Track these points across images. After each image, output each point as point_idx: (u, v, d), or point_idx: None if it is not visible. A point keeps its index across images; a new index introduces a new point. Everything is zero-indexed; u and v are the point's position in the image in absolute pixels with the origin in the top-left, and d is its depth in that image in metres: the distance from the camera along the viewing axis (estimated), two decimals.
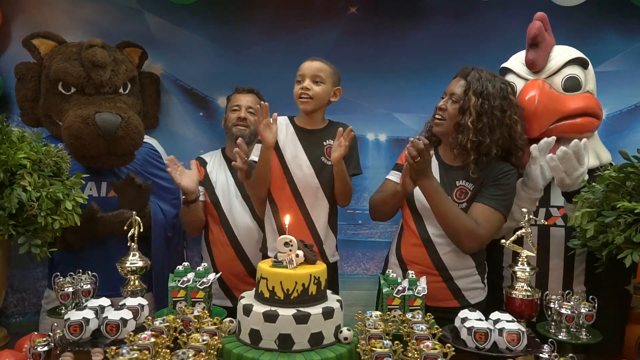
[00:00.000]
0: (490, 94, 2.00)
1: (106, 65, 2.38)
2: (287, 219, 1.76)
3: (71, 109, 2.32)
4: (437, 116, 2.11)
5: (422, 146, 1.88)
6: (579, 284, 2.21)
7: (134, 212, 2.02)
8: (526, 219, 1.89)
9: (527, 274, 1.87)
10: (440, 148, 2.22)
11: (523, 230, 1.89)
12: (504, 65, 2.39)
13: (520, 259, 1.90)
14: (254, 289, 1.70)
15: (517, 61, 2.35)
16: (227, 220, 2.51)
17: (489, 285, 2.21)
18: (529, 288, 1.86)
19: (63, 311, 1.86)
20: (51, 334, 1.63)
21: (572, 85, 2.26)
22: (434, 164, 2.15)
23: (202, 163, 2.62)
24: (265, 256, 2.24)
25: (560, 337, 1.79)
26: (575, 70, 2.27)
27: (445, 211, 1.99)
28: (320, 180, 2.21)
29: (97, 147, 2.25)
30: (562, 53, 2.30)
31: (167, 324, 1.59)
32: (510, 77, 2.33)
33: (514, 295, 1.86)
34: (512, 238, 1.91)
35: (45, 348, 1.58)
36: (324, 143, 2.23)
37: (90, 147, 2.25)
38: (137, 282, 1.98)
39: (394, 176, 2.25)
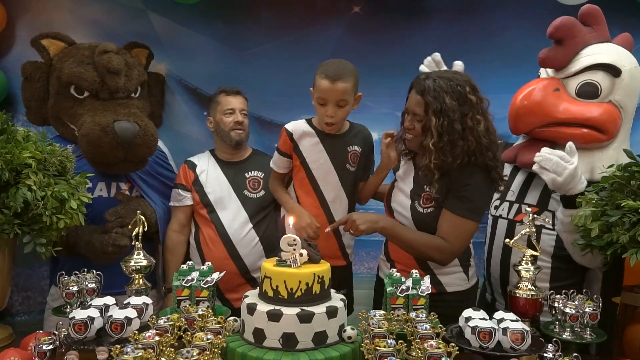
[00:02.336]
0: (449, 107, 1.90)
1: (121, 71, 2.40)
2: (290, 220, 1.76)
3: (86, 114, 2.34)
4: (408, 136, 2.08)
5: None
6: (543, 281, 2.13)
7: (138, 212, 2.03)
8: (530, 218, 1.89)
9: (531, 273, 1.87)
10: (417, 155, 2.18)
11: (527, 229, 1.89)
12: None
13: (524, 259, 1.90)
14: (258, 287, 1.70)
15: None
16: (219, 221, 2.51)
17: None
18: (533, 287, 1.86)
19: (68, 310, 1.87)
20: (56, 333, 1.64)
21: (587, 92, 2.11)
22: (411, 171, 2.15)
23: (191, 166, 2.60)
24: None
25: (564, 336, 1.79)
26: (596, 77, 2.10)
27: (411, 242, 2.02)
28: (345, 188, 2.19)
29: (115, 155, 2.29)
30: (589, 55, 2.12)
31: (172, 322, 1.60)
32: (542, 69, 2.29)
33: (518, 295, 1.86)
34: (516, 237, 1.91)
35: (51, 346, 1.58)
36: (348, 149, 2.19)
37: (108, 155, 2.28)
38: (141, 280, 1.99)
39: None
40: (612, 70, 2.09)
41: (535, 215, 1.91)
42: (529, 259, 1.89)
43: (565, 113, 2.10)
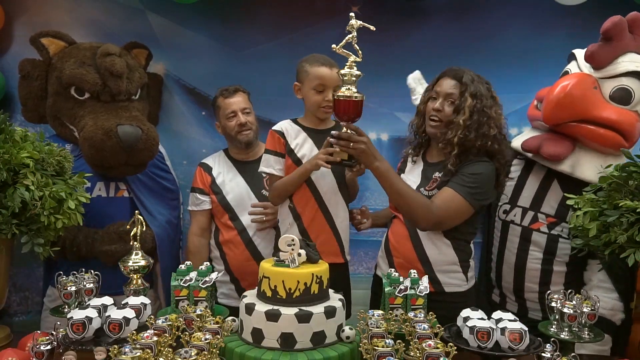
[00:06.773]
0: (483, 94, 2.06)
1: (123, 74, 2.39)
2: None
3: (87, 117, 2.33)
4: (433, 117, 2.12)
5: (344, 136, 1.97)
6: (558, 285, 2.19)
7: (136, 212, 2.03)
8: (354, 24, 1.96)
9: (354, 78, 1.95)
10: (427, 150, 2.25)
11: (351, 35, 1.95)
12: (574, 50, 2.29)
13: (347, 64, 1.95)
14: (257, 288, 1.70)
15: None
16: (240, 222, 2.47)
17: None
18: (354, 90, 1.93)
19: (66, 310, 1.87)
20: (54, 333, 1.64)
21: (621, 96, 2.11)
22: (419, 167, 2.21)
23: (207, 169, 2.56)
24: None
25: (562, 336, 1.79)
26: (632, 84, 2.11)
27: (399, 189, 2.03)
28: (337, 179, 2.17)
29: (117, 159, 2.29)
30: (630, 62, 2.12)
31: (170, 323, 1.60)
32: (570, 64, 2.26)
33: (339, 97, 1.94)
34: (342, 43, 1.95)
35: (49, 347, 1.58)
36: None
37: (110, 159, 2.28)
38: (139, 281, 1.99)
39: None
40: None
41: None
42: (352, 64, 1.95)
43: (601, 113, 2.08)
